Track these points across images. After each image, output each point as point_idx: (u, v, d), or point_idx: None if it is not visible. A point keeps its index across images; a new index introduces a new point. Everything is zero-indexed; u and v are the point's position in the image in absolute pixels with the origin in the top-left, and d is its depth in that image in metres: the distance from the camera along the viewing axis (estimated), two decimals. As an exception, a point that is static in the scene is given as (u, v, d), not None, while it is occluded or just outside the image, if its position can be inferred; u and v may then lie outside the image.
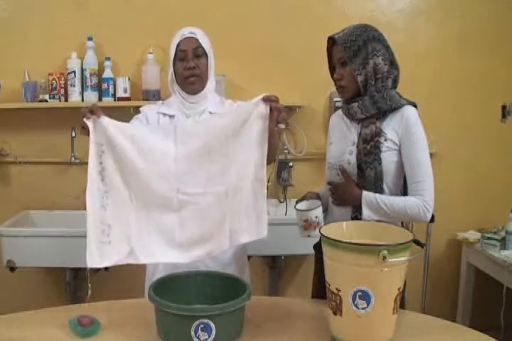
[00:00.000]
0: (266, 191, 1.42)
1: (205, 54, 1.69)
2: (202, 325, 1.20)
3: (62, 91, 2.51)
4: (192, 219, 1.47)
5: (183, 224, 1.47)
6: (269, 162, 1.45)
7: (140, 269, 1.86)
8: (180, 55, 1.67)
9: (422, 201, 1.49)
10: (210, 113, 1.72)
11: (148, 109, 1.77)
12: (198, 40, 1.67)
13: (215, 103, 1.76)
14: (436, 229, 2.73)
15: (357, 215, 1.55)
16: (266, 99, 1.40)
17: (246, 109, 1.43)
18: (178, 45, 1.67)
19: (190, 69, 1.66)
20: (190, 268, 1.56)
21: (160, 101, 1.88)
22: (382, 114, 1.55)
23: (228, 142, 1.44)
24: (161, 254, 1.46)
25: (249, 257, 2.06)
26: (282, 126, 1.43)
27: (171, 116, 1.73)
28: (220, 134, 1.45)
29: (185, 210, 1.47)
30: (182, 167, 1.46)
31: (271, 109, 1.40)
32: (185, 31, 1.68)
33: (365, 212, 1.51)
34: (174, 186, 1.46)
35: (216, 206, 1.45)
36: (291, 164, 2.71)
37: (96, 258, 1.39)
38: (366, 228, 1.40)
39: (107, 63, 2.52)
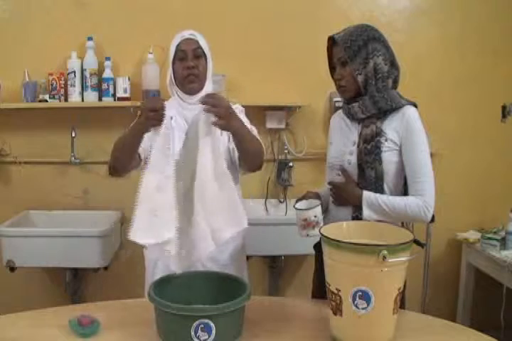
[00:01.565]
0: (232, 182, 1.43)
1: (204, 55, 1.72)
2: (202, 325, 1.20)
3: (62, 91, 2.51)
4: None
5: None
6: (253, 158, 1.44)
7: (140, 269, 1.86)
8: (180, 55, 1.70)
9: (422, 201, 1.49)
10: None
11: None
12: (197, 42, 1.71)
13: None
14: (436, 229, 2.74)
15: (357, 215, 1.55)
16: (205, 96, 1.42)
17: (197, 116, 1.45)
18: (178, 46, 1.70)
19: (189, 69, 1.68)
20: (189, 269, 1.56)
21: None
22: (383, 114, 1.55)
23: (192, 149, 1.45)
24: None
25: (248, 257, 2.06)
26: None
27: (170, 118, 1.73)
28: (189, 143, 1.48)
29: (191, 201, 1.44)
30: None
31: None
32: (186, 33, 1.72)
33: (366, 212, 1.51)
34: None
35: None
36: (291, 164, 2.70)
37: (139, 234, 1.37)
38: (366, 228, 1.40)
39: (107, 63, 2.52)
